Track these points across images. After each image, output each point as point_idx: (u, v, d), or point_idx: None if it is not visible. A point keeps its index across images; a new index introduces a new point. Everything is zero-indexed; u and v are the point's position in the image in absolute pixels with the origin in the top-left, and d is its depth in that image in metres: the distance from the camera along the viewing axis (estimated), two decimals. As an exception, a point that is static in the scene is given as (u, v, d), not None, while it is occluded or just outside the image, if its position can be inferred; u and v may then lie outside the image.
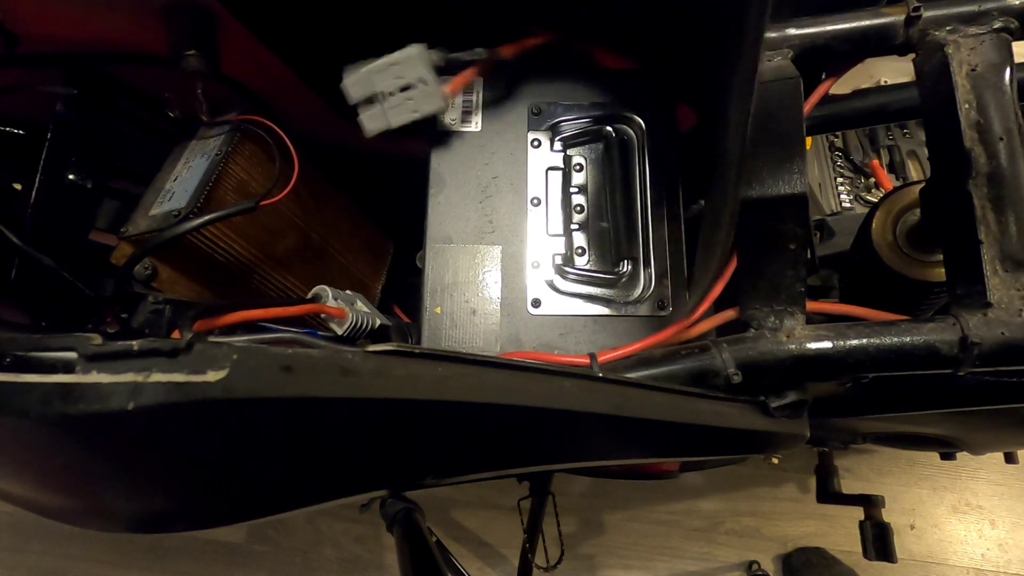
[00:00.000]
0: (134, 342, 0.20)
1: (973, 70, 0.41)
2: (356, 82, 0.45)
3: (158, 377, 0.20)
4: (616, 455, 0.40)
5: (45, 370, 0.20)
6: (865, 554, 0.86)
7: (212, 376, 0.21)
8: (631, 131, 0.49)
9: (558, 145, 0.49)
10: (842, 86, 0.52)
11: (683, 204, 0.48)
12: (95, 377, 0.20)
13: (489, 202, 0.48)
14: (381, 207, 0.69)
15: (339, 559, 1.20)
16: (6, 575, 1.19)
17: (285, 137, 0.52)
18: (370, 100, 0.46)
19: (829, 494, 0.95)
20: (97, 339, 0.20)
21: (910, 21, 0.43)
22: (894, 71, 0.78)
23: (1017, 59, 0.42)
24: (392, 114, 0.46)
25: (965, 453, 0.83)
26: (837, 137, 0.89)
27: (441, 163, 0.48)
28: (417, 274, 0.48)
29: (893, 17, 0.44)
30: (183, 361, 0.21)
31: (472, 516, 1.21)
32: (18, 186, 0.54)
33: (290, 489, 0.27)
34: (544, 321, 0.45)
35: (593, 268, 0.46)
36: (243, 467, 0.25)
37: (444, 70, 0.46)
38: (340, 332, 0.48)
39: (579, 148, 0.50)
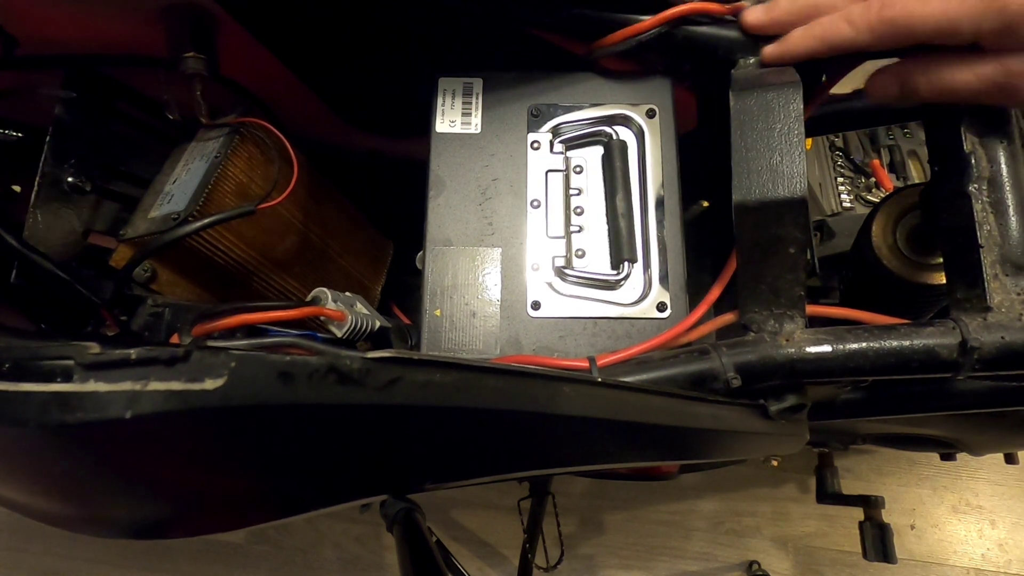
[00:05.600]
0: (132, 350, 0.20)
1: (973, 73, 0.41)
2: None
3: (156, 386, 0.20)
4: (616, 458, 0.40)
5: (43, 378, 0.20)
6: (865, 555, 0.86)
7: (210, 384, 0.21)
8: (631, 133, 0.49)
9: (558, 147, 0.49)
10: (843, 86, 0.52)
11: (683, 205, 0.48)
12: (93, 386, 0.20)
13: (489, 204, 0.48)
14: (380, 208, 0.69)
15: (339, 559, 1.20)
16: (6, 575, 1.19)
17: (284, 139, 0.52)
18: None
19: (829, 494, 0.95)
20: (95, 347, 0.20)
21: (910, 23, 0.43)
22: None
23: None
24: None
25: (965, 454, 0.83)
26: (837, 137, 0.88)
27: (440, 165, 0.48)
28: (416, 274, 0.48)
29: (893, 19, 0.43)
30: (181, 369, 0.21)
31: (472, 516, 1.21)
32: (17, 188, 0.54)
33: (289, 495, 0.27)
34: (544, 324, 0.45)
35: (593, 270, 0.46)
36: (242, 474, 0.25)
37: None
38: (339, 335, 0.48)
39: (579, 150, 0.50)
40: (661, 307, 0.45)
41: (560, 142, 0.49)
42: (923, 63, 0.38)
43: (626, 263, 0.45)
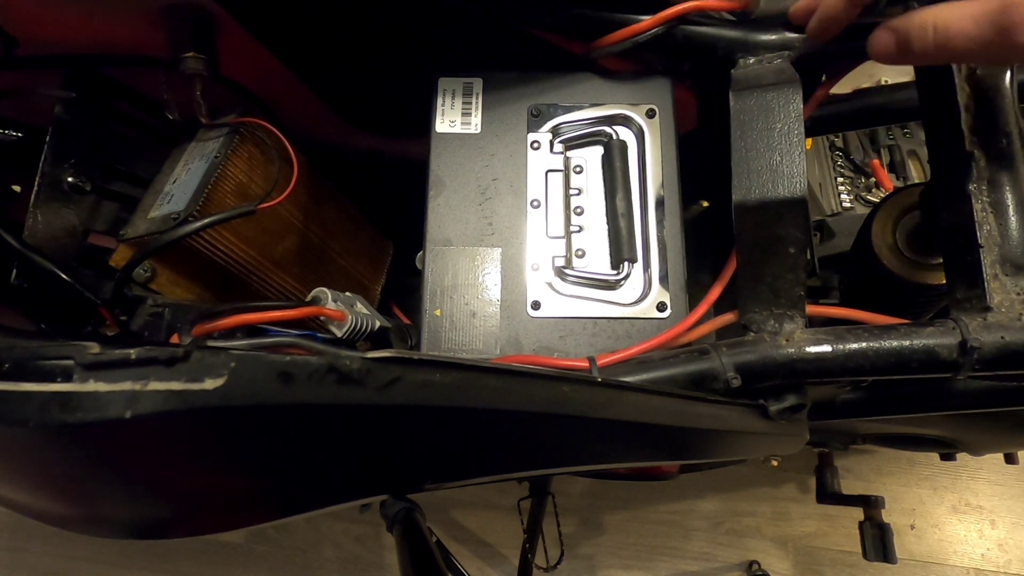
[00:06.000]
0: (132, 350, 0.20)
1: (973, 73, 0.41)
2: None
3: (156, 386, 0.20)
4: (616, 458, 0.40)
5: (43, 378, 0.20)
6: (865, 555, 0.86)
7: (210, 384, 0.21)
8: (631, 133, 0.49)
9: (558, 147, 0.49)
10: (843, 86, 0.52)
11: (683, 205, 0.48)
12: (93, 386, 0.20)
13: (489, 204, 0.48)
14: (380, 208, 0.69)
15: (339, 559, 1.20)
16: (6, 575, 1.19)
17: (284, 139, 0.52)
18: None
19: (829, 494, 0.95)
20: (95, 347, 0.20)
21: (910, 23, 0.43)
22: (895, 71, 0.78)
23: (1018, 61, 0.42)
24: None
25: (965, 454, 0.83)
26: (837, 137, 0.88)
27: (440, 165, 0.48)
28: (416, 274, 0.48)
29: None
30: (181, 369, 0.21)
31: (472, 516, 1.21)
32: (17, 188, 0.54)
33: (289, 495, 0.27)
34: (544, 323, 0.45)
35: (593, 270, 0.46)
36: (242, 474, 0.25)
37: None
38: (339, 335, 0.48)
39: (579, 150, 0.50)
40: (661, 307, 0.45)
41: (560, 142, 0.49)
42: (919, 14, 0.37)
43: (626, 263, 0.45)
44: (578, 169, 0.49)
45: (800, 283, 0.41)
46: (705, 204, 0.61)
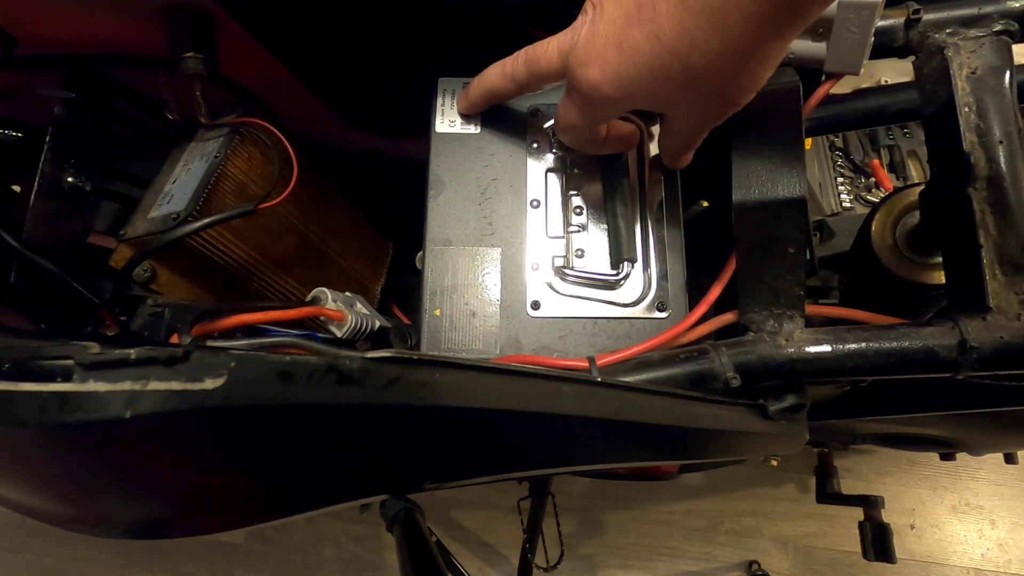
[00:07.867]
0: (131, 350, 0.20)
1: (973, 73, 0.41)
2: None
3: (155, 385, 0.20)
4: (616, 458, 0.40)
5: (43, 378, 0.20)
6: (865, 555, 0.87)
7: (210, 384, 0.21)
8: (630, 133, 0.49)
9: (557, 147, 0.49)
10: (843, 86, 0.52)
11: (683, 205, 0.48)
12: (93, 386, 0.20)
13: (488, 204, 0.48)
14: (380, 208, 0.69)
15: (339, 559, 1.20)
16: (6, 575, 1.19)
17: (284, 139, 0.52)
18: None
19: (829, 494, 0.95)
20: (95, 347, 0.20)
21: (910, 23, 0.43)
22: (894, 71, 0.78)
23: (1017, 61, 0.42)
24: None
25: (965, 454, 0.83)
26: (837, 137, 0.88)
27: (440, 165, 0.48)
28: (416, 274, 0.48)
29: (893, 20, 0.44)
30: (180, 369, 0.21)
31: (472, 516, 1.21)
32: (17, 188, 0.54)
33: (289, 495, 0.27)
34: (543, 323, 0.45)
35: (593, 270, 0.46)
36: (242, 473, 0.25)
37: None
38: (339, 335, 0.48)
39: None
40: (661, 307, 0.45)
41: (560, 142, 0.49)
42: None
43: (626, 263, 0.45)
44: (578, 169, 0.49)
45: (800, 283, 0.41)
46: (705, 204, 0.61)
